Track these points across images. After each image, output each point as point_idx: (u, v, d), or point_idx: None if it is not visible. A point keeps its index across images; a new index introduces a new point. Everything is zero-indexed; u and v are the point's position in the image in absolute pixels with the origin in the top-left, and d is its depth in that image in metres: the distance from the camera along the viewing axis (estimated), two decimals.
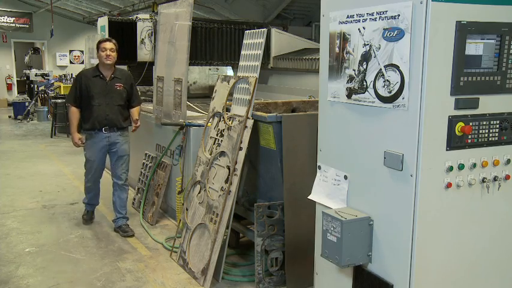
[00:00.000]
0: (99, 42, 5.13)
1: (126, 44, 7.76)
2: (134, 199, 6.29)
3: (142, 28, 7.79)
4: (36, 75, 16.13)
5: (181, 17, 5.45)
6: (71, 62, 19.59)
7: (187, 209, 4.47)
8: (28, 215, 5.87)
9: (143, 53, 7.80)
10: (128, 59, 7.97)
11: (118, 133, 5.17)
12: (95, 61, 8.78)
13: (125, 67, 8.55)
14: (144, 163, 6.29)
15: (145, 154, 6.32)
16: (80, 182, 7.48)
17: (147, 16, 8.06)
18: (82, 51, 18.48)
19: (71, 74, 17.56)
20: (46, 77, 16.02)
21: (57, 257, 4.65)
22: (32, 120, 14.29)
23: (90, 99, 5.03)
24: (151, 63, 6.88)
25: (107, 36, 7.77)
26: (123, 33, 7.80)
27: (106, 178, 5.69)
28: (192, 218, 4.34)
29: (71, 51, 19.54)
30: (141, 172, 6.28)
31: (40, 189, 7.01)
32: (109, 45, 5.09)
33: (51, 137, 11.68)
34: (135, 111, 5.30)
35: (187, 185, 4.67)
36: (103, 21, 7.93)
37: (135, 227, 5.48)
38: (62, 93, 14.23)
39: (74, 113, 5.14)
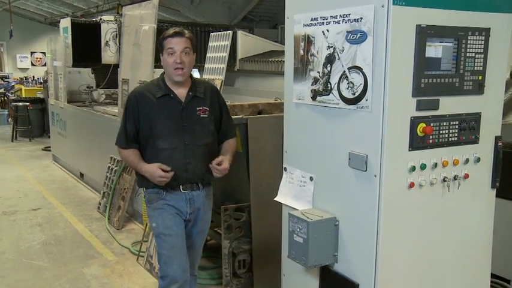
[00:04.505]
0: (164, 38, 2.94)
1: (90, 46, 7.64)
2: (100, 203, 6.19)
3: (107, 30, 7.68)
4: None
5: (146, 19, 5.40)
6: (32, 64, 19.09)
7: None
8: None
9: (108, 56, 7.69)
10: (92, 62, 7.85)
11: (204, 193, 3.11)
12: (58, 63, 8.57)
13: (89, 70, 8.43)
14: (109, 167, 6.19)
15: (111, 158, 6.23)
16: (42, 186, 7.30)
17: (111, 18, 7.96)
18: (44, 53, 18.04)
19: (33, 77, 17.14)
20: (6, 80, 15.59)
21: (18, 265, 4.52)
22: None
23: (156, 138, 2.96)
24: (116, 66, 6.78)
25: (69, 38, 7.60)
26: (87, 35, 7.67)
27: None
28: None
29: (32, 53, 19.05)
30: (107, 176, 6.18)
31: (0, 195, 6.80)
32: (180, 42, 2.90)
33: (12, 141, 11.36)
34: (229, 148, 3.20)
35: None
36: (65, 23, 7.78)
37: (100, 232, 5.39)
38: (24, 95, 13.87)
39: (130, 154, 3.03)
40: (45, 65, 17.41)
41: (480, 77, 2.56)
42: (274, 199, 3.06)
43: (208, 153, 3.06)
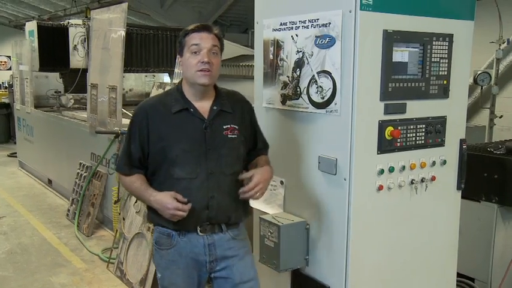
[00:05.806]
0: (186, 34, 2.32)
1: (58, 50, 7.50)
2: (69, 210, 6.07)
3: (75, 34, 7.56)
4: None
5: (115, 23, 5.34)
6: None
7: (124, 219, 4.36)
8: None
9: (76, 60, 7.56)
10: (59, 66, 7.71)
11: (228, 235, 2.39)
12: (24, 67, 8.37)
13: (56, 74, 8.26)
14: (78, 173, 6.08)
15: (80, 163, 6.12)
16: (8, 193, 7.11)
17: (79, 21, 7.84)
18: (9, 57, 17.58)
19: None
20: None
21: None
22: None
23: (171, 165, 2.30)
24: (85, 70, 6.67)
25: (36, 41, 7.44)
26: (54, 39, 7.54)
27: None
28: (129, 227, 4.24)
29: None
30: (76, 182, 6.07)
31: None
32: (208, 38, 2.27)
33: None
34: (263, 163, 2.48)
35: (123, 194, 4.56)
36: (31, 26, 7.62)
37: (69, 239, 5.28)
38: None
39: (134, 180, 2.36)
40: (10, 68, 16.98)
41: (445, 82, 2.63)
42: None
43: (237, 185, 2.34)
